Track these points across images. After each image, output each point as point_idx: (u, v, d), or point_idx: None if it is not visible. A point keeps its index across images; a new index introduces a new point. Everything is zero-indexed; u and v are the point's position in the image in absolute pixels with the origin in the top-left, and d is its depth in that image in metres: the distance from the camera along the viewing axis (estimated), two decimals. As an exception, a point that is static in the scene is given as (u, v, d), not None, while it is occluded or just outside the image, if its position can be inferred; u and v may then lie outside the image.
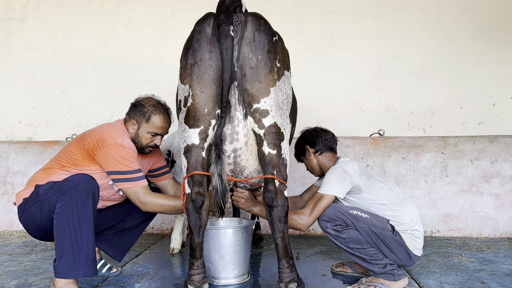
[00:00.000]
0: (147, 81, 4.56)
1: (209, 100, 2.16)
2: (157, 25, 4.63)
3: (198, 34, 2.18)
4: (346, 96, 4.44)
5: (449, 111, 4.33)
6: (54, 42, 4.75)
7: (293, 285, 2.25)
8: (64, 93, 4.73)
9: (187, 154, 2.24)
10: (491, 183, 3.98)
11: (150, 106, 2.58)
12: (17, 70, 4.79)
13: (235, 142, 2.23)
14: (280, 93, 2.24)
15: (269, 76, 2.17)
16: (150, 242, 3.82)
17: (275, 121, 2.21)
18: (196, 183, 2.22)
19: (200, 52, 2.15)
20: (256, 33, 2.15)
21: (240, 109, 2.20)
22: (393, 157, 4.10)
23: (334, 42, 4.46)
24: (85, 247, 2.21)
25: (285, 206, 2.24)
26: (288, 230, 2.29)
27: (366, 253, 2.43)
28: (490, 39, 4.32)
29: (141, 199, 2.45)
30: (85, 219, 2.23)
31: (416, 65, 4.37)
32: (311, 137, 2.79)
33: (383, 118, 4.38)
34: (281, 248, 2.27)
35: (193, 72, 2.16)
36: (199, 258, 2.29)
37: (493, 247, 3.55)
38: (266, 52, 2.16)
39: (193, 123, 2.20)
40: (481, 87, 4.31)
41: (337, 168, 2.56)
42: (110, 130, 2.50)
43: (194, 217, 2.24)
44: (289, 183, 4.13)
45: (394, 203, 2.51)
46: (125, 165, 2.41)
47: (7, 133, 4.79)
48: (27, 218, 2.41)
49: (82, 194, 2.24)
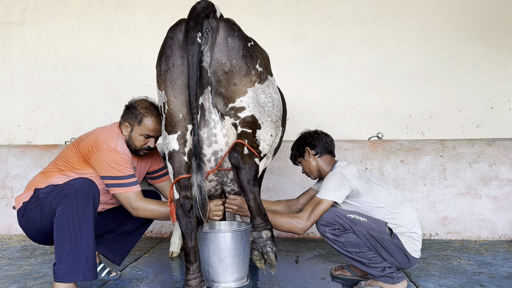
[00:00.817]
0: (146, 84, 4.55)
1: (182, 106, 2.17)
2: (156, 29, 4.64)
3: (170, 40, 2.19)
4: (344, 99, 4.45)
5: (447, 114, 4.34)
6: (53, 46, 4.76)
7: (267, 232, 2.17)
8: (63, 97, 4.74)
9: (170, 160, 2.25)
10: (490, 186, 3.99)
11: (142, 109, 2.57)
12: (16, 74, 4.79)
13: (213, 144, 2.23)
14: (263, 95, 2.24)
15: (246, 79, 2.17)
16: (149, 245, 3.81)
17: (252, 114, 2.21)
18: (183, 187, 2.22)
19: (172, 58, 2.16)
20: (229, 39, 2.15)
21: (215, 111, 2.21)
22: (392, 160, 4.11)
23: (333, 45, 4.47)
24: (85, 250, 2.21)
25: (253, 168, 2.15)
26: (259, 191, 2.21)
27: (364, 257, 2.43)
28: (488, 42, 4.34)
29: (132, 205, 2.44)
30: (85, 223, 2.23)
31: (414, 68, 4.39)
32: (312, 139, 2.78)
33: (381, 121, 4.39)
34: (254, 207, 2.18)
35: (167, 78, 2.18)
36: (194, 262, 2.28)
37: (491, 250, 3.56)
38: (241, 57, 2.16)
39: (171, 129, 2.21)
40: (479, 90, 4.32)
41: (336, 174, 2.56)
42: (104, 134, 2.50)
43: (184, 221, 2.24)
44: (288, 186, 4.14)
45: (392, 206, 2.52)
46: (118, 170, 2.41)
47: (6, 137, 4.79)
48: (27, 221, 2.41)
49: (83, 197, 2.24)
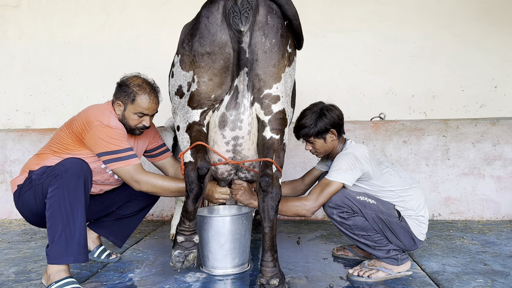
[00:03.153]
0: (145, 67, 4.48)
1: (216, 88, 2.10)
2: (153, 10, 4.55)
3: (206, 20, 2.05)
4: (346, 80, 4.39)
5: (451, 94, 4.28)
6: (50, 28, 4.67)
7: (275, 281, 2.11)
8: (61, 80, 4.67)
9: (189, 130, 2.20)
10: (493, 166, 3.95)
11: (135, 86, 2.47)
12: (13, 57, 4.72)
13: (237, 129, 2.18)
14: (289, 79, 2.18)
15: (282, 61, 2.09)
16: (150, 228, 3.80)
17: (284, 107, 2.16)
18: (201, 151, 2.14)
19: (209, 39, 2.04)
20: (269, 17, 2.04)
21: (248, 96, 2.13)
22: (394, 141, 4.06)
23: (334, 25, 4.38)
24: (77, 232, 2.16)
25: (279, 194, 2.13)
26: (277, 221, 2.17)
27: (371, 239, 2.40)
28: (492, 20, 4.25)
29: (134, 177, 2.34)
30: (76, 203, 2.17)
31: (417, 48, 4.31)
32: (338, 119, 2.56)
33: (383, 102, 4.33)
34: (268, 238, 2.13)
35: (201, 60, 2.07)
36: (192, 220, 2.24)
37: (495, 229, 3.53)
38: (280, 37, 2.06)
39: (197, 105, 2.16)
40: (482, 69, 4.25)
41: (348, 155, 2.44)
42: (96, 112, 2.43)
43: (195, 186, 2.14)
44: (289, 168, 4.11)
45: (402, 190, 2.46)
46: (114, 144, 2.33)
47: (4, 122, 4.74)
48: (23, 204, 2.37)
49: (73, 177, 2.18)
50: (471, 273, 2.46)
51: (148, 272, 2.56)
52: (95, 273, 2.55)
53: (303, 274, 2.48)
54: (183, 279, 2.41)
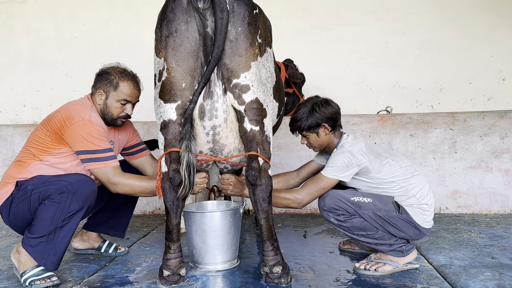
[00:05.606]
0: (150, 62, 4.46)
1: (186, 75, 2.07)
2: (158, 4, 4.53)
3: (172, 3, 2.08)
4: (352, 73, 4.38)
5: (458, 87, 4.25)
6: (56, 24, 4.70)
7: (278, 268, 2.12)
8: (68, 75, 4.70)
9: (163, 130, 2.15)
10: (501, 159, 3.93)
11: (116, 74, 2.45)
12: (20, 53, 4.76)
13: (214, 118, 2.14)
14: (264, 69, 2.16)
15: (250, 50, 2.07)
16: (158, 222, 3.82)
17: (256, 96, 2.12)
18: (174, 160, 2.12)
19: (175, 22, 2.05)
20: (235, 4, 2.04)
21: (219, 84, 2.11)
22: (401, 134, 4.04)
23: (340, 18, 4.37)
24: (58, 243, 2.19)
25: (269, 185, 2.12)
26: (272, 210, 2.17)
27: (371, 237, 2.40)
28: (500, 11, 4.21)
29: (111, 180, 2.31)
30: (69, 225, 2.21)
31: (424, 40, 4.29)
32: (330, 114, 2.51)
33: (390, 95, 4.32)
34: (265, 229, 2.14)
35: (168, 44, 2.06)
36: (176, 241, 2.21)
37: (502, 223, 3.51)
38: (247, 25, 2.06)
39: (169, 97, 2.11)
40: (490, 61, 4.22)
41: (344, 152, 2.43)
42: (76, 107, 2.38)
43: (171, 196, 2.14)
44: (295, 162, 4.11)
45: (404, 179, 2.44)
46: (93, 143, 2.29)
47: (12, 117, 4.78)
48: (15, 217, 2.30)
49: (77, 202, 2.19)
50: (479, 266, 2.45)
51: (156, 265, 2.58)
52: (103, 267, 2.57)
53: (310, 268, 2.48)
54: (191, 272, 2.42)
